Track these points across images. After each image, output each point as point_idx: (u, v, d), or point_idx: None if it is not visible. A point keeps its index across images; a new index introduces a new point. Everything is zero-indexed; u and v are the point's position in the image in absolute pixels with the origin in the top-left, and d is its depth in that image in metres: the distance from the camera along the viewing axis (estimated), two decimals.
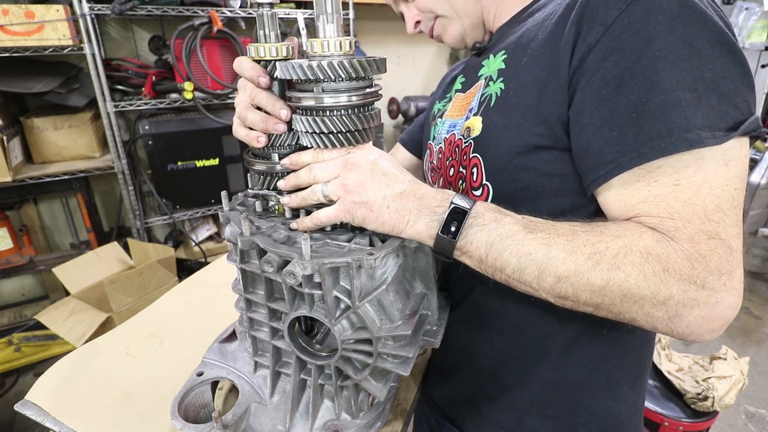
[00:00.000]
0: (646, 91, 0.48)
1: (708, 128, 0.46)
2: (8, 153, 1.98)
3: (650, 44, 0.48)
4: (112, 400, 0.83)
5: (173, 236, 2.69)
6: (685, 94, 0.47)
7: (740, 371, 1.60)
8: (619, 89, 0.50)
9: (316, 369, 0.66)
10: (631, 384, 0.70)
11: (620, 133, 0.50)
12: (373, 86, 0.59)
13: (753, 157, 2.82)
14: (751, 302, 3.12)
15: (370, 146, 0.60)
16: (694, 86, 0.47)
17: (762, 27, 3.39)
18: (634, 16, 0.49)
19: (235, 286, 0.69)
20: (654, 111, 0.48)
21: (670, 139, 0.47)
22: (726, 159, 0.47)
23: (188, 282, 1.29)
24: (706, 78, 0.47)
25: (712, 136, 0.46)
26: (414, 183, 0.57)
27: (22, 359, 2.22)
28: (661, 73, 0.47)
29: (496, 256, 0.52)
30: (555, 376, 0.68)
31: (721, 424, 2.15)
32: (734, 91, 0.48)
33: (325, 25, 0.54)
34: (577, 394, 0.68)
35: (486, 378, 0.74)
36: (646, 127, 0.48)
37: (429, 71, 3.72)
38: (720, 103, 0.47)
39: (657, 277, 0.46)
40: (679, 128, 0.47)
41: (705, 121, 0.46)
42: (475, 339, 0.74)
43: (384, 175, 0.56)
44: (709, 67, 0.47)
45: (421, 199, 0.56)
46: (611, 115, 0.50)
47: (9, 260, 2.27)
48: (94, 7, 2.01)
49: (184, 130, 2.36)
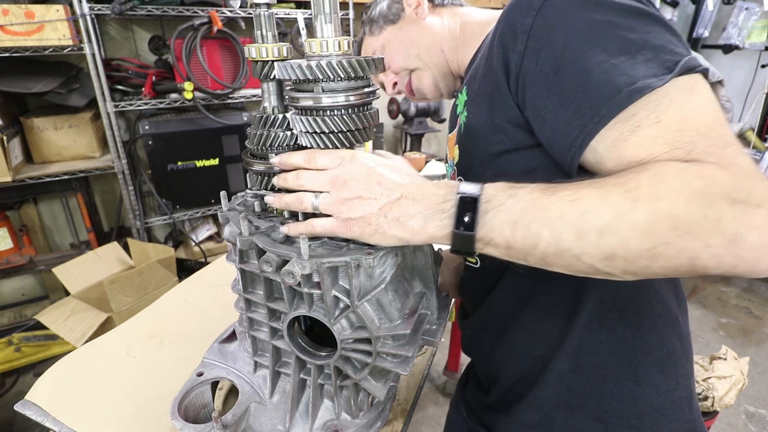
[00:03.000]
0: (584, 68, 0.51)
1: (653, 75, 0.48)
2: (8, 153, 1.98)
3: (571, 32, 0.52)
4: (112, 400, 0.83)
5: (173, 236, 2.69)
6: (619, 58, 0.49)
7: (740, 371, 1.60)
8: (558, 75, 0.53)
9: (316, 369, 0.66)
10: (661, 368, 0.68)
11: (576, 108, 0.51)
12: (371, 86, 0.59)
13: (753, 157, 2.81)
14: (751, 302, 3.12)
15: (363, 152, 0.58)
16: (626, 50, 0.50)
17: (762, 27, 3.39)
18: (547, 16, 0.54)
19: (234, 286, 0.69)
20: (598, 81, 0.50)
21: (622, 93, 0.48)
22: (690, 88, 0.48)
23: (188, 282, 1.29)
24: (634, 39, 0.50)
25: (660, 80, 0.47)
26: (413, 186, 0.54)
27: (22, 359, 2.22)
28: (591, 51, 0.51)
29: (525, 234, 0.48)
30: (573, 365, 0.67)
31: (721, 424, 2.15)
32: (664, 42, 0.50)
33: (323, 25, 0.54)
34: (599, 380, 0.67)
35: (513, 380, 0.75)
36: (596, 95, 0.50)
37: None
38: (656, 55, 0.49)
39: (701, 196, 0.42)
40: (625, 84, 0.48)
41: (647, 72, 0.48)
42: (497, 345, 0.75)
43: (379, 184, 0.54)
44: (631, 31, 0.51)
45: (423, 201, 0.53)
46: (561, 98, 0.53)
47: (9, 260, 2.27)
48: (94, 7, 2.01)
49: (184, 130, 2.36)
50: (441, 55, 0.87)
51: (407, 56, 0.89)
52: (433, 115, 3.34)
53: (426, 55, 0.88)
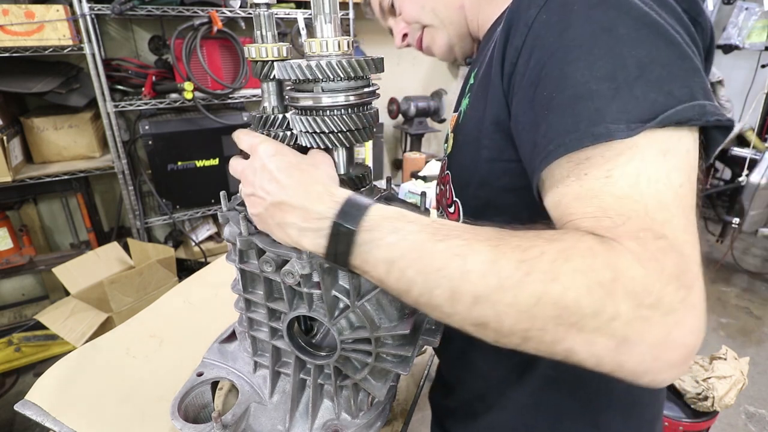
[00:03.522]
0: (557, 85, 0.43)
1: (625, 120, 0.40)
2: (8, 153, 1.98)
3: (564, 35, 0.44)
4: (112, 400, 0.83)
5: (173, 236, 2.69)
6: (600, 84, 0.41)
7: (740, 371, 1.60)
8: (537, 87, 0.46)
9: (316, 369, 0.66)
10: (624, 416, 0.64)
11: (538, 134, 0.45)
12: (371, 86, 0.59)
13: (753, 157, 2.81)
14: (751, 302, 3.12)
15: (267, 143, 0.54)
16: (613, 75, 0.41)
17: (762, 27, 3.39)
18: (552, 10, 0.46)
19: (234, 286, 0.69)
20: (563, 105, 0.43)
21: (576, 134, 0.41)
22: (663, 149, 0.40)
23: (188, 282, 1.29)
24: (629, 65, 0.41)
25: (627, 129, 0.39)
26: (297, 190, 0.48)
27: (22, 359, 2.22)
28: (574, 64, 0.43)
29: (399, 276, 0.43)
30: (533, 400, 0.65)
31: (721, 424, 2.15)
32: (667, 77, 0.41)
33: (323, 25, 0.54)
34: (557, 419, 0.65)
35: (472, 395, 0.73)
36: (554, 124, 0.43)
37: (429, 71, 3.72)
38: (648, 92, 0.40)
39: (603, 289, 0.35)
40: (586, 121, 0.41)
41: (622, 113, 0.40)
42: (461, 356, 0.74)
43: (269, 182, 0.50)
44: (633, 53, 0.41)
45: (300, 211, 0.47)
46: (534, 116, 0.46)
47: (9, 260, 2.27)
48: (94, 7, 2.01)
49: (184, 130, 2.36)
50: (460, 13, 0.73)
51: (421, 7, 0.75)
52: (433, 115, 3.34)
53: (443, 11, 0.73)
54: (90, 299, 2.02)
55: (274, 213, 0.49)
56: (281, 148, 0.54)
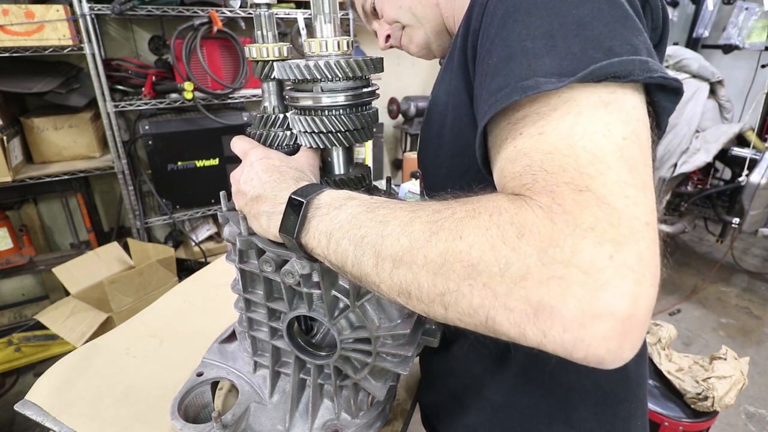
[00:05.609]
0: (497, 50, 0.43)
1: (558, 74, 0.38)
2: (8, 153, 1.99)
3: (507, 3, 0.44)
4: (112, 400, 0.83)
5: (173, 236, 2.69)
6: (535, 42, 0.40)
7: (740, 371, 1.60)
8: (482, 60, 0.45)
9: (316, 368, 0.66)
10: (595, 411, 0.64)
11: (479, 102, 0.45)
12: (370, 86, 0.59)
13: (753, 157, 2.81)
14: (751, 302, 3.12)
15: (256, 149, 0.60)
16: (551, 33, 0.40)
17: (762, 27, 3.39)
18: None
19: (234, 286, 0.69)
20: (499, 66, 0.42)
21: (506, 89, 0.40)
22: (604, 101, 0.37)
23: (188, 282, 1.29)
24: (568, 23, 0.40)
25: (558, 81, 0.37)
26: (272, 184, 0.53)
27: (22, 359, 2.22)
28: (512, 27, 0.42)
29: (335, 248, 0.44)
30: (507, 400, 0.66)
31: (721, 424, 2.15)
32: (608, 34, 0.39)
33: (323, 25, 0.54)
34: (532, 420, 0.65)
35: (452, 393, 0.73)
36: (491, 86, 0.42)
37: (429, 71, 3.72)
38: (586, 48, 0.39)
39: (507, 245, 0.33)
40: (517, 77, 0.39)
41: (556, 67, 0.38)
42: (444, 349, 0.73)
43: (253, 179, 0.55)
44: (573, 12, 0.40)
45: (271, 200, 0.52)
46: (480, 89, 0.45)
47: (9, 260, 2.27)
48: (94, 7, 2.01)
49: (184, 130, 2.37)
50: (436, 10, 0.73)
51: (399, 7, 0.76)
52: None
53: (419, 9, 0.74)
54: (90, 299, 2.03)
55: (253, 205, 0.54)
56: (269, 153, 0.59)
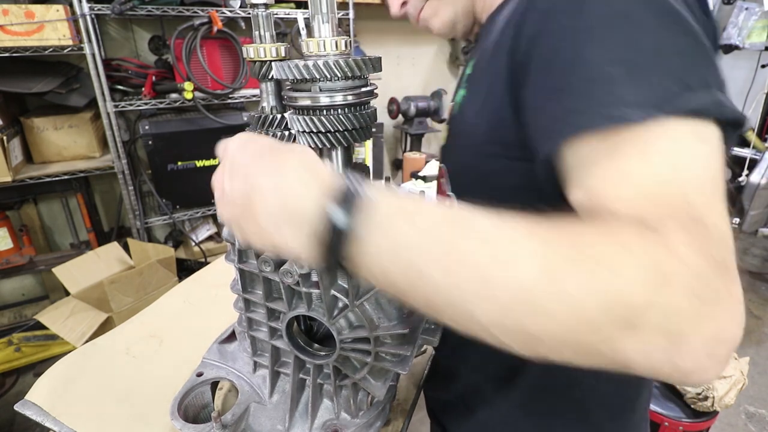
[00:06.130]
0: (571, 67, 0.41)
1: (640, 105, 0.37)
2: (8, 153, 1.98)
3: (579, 19, 0.42)
4: (112, 400, 0.83)
5: (173, 236, 2.69)
6: (616, 68, 0.39)
7: (740, 371, 1.60)
8: (549, 72, 0.43)
9: (315, 368, 0.66)
10: (613, 417, 0.65)
11: (548, 117, 0.43)
12: (368, 85, 0.59)
13: (753, 157, 2.81)
14: (751, 302, 3.12)
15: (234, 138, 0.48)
16: (630, 60, 0.39)
17: (762, 27, 3.39)
18: None
19: (233, 286, 0.69)
20: (577, 87, 0.40)
21: (588, 114, 0.39)
22: (700, 136, 0.37)
23: (188, 282, 1.29)
24: (646, 50, 0.39)
25: (644, 113, 0.37)
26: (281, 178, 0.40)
27: (22, 359, 2.22)
28: (589, 47, 0.40)
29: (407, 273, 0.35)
30: (527, 400, 0.65)
31: (721, 424, 2.15)
32: (683, 67, 0.39)
33: (321, 24, 0.54)
34: (549, 422, 0.65)
35: (468, 389, 0.73)
36: (567, 105, 0.41)
37: (429, 71, 3.72)
38: (663, 80, 0.38)
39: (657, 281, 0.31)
40: (599, 103, 0.38)
41: (639, 97, 0.38)
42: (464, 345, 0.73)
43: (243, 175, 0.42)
44: (650, 40, 0.40)
45: (283, 205, 0.39)
46: (546, 101, 0.43)
47: (9, 260, 2.27)
48: (94, 7, 2.01)
49: (184, 130, 2.36)
50: None
51: None
52: (433, 115, 3.34)
53: None
54: (90, 299, 2.03)
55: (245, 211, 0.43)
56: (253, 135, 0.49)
